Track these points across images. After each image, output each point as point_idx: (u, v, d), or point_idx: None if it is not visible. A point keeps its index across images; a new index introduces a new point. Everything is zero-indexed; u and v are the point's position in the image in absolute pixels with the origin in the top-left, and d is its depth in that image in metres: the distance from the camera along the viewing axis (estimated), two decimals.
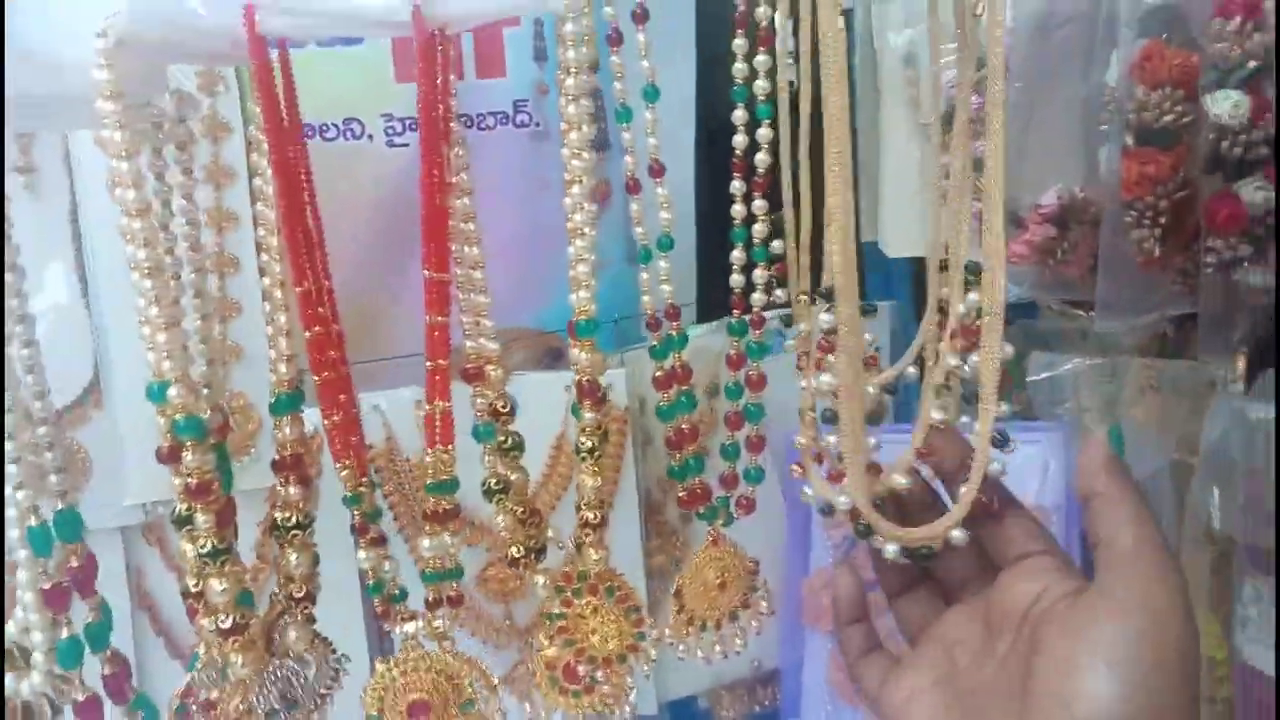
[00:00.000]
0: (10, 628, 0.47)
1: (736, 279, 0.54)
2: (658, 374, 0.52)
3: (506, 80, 0.80)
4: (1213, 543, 0.69)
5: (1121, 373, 0.76)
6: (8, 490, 0.46)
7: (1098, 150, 0.64)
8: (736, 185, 0.53)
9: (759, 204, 0.52)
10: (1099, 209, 0.64)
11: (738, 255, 0.53)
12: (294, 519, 0.46)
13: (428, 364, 0.44)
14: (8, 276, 0.46)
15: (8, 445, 0.46)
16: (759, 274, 0.54)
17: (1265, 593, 0.65)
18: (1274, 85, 0.54)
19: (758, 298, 0.54)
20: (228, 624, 0.42)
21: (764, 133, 0.51)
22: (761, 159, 0.52)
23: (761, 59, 0.51)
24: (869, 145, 0.89)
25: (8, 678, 0.47)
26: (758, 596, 0.56)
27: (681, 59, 0.83)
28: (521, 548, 0.49)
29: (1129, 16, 0.59)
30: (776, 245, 0.53)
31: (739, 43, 0.52)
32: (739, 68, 0.52)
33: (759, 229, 0.53)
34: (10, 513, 0.46)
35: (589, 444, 0.46)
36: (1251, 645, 0.66)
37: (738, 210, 0.53)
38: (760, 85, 0.51)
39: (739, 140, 0.52)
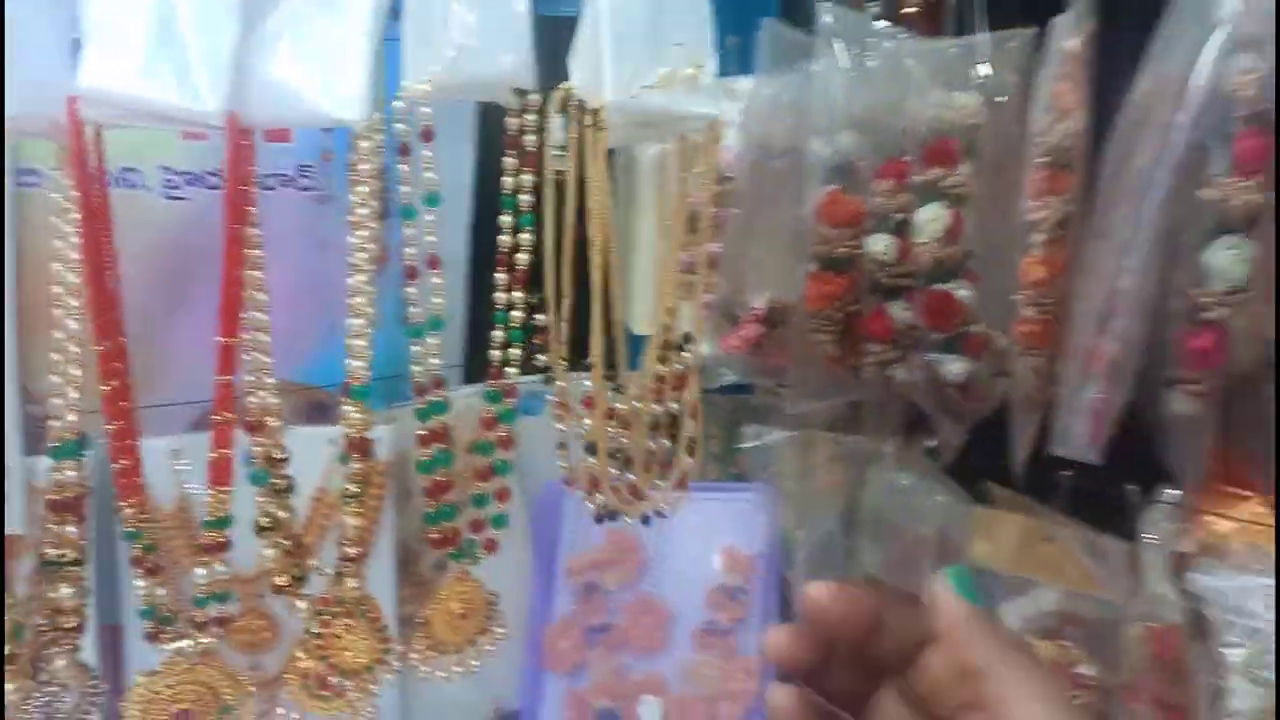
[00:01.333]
0: None
1: (495, 354, 0.63)
2: (421, 433, 0.60)
3: (293, 144, 0.84)
4: (870, 585, 0.85)
5: (814, 444, 0.92)
6: None
7: (799, 267, 0.79)
8: (500, 276, 0.63)
9: (517, 294, 0.62)
10: (797, 314, 0.80)
11: (498, 334, 0.63)
12: (68, 555, 0.50)
13: (215, 417, 0.50)
14: None
15: None
16: (514, 351, 0.63)
17: None
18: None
19: (512, 370, 0.64)
20: None
21: (525, 237, 0.62)
22: (521, 257, 0.62)
23: (526, 178, 0.62)
24: (623, 238, 1.02)
25: None
26: (496, 625, 0.65)
27: (464, 159, 0.91)
28: (288, 576, 0.55)
29: (818, 166, 0.75)
30: (540, 318, 0.63)
31: (510, 161, 0.62)
32: (507, 180, 0.62)
33: (516, 314, 0.63)
34: None
35: (354, 489, 0.54)
36: None
37: (500, 297, 0.63)
38: (525, 199, 0.61)
39: (504, 240, 0.62)
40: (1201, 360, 0.53)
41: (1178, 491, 0.60)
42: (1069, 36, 0.61)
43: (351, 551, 0.53)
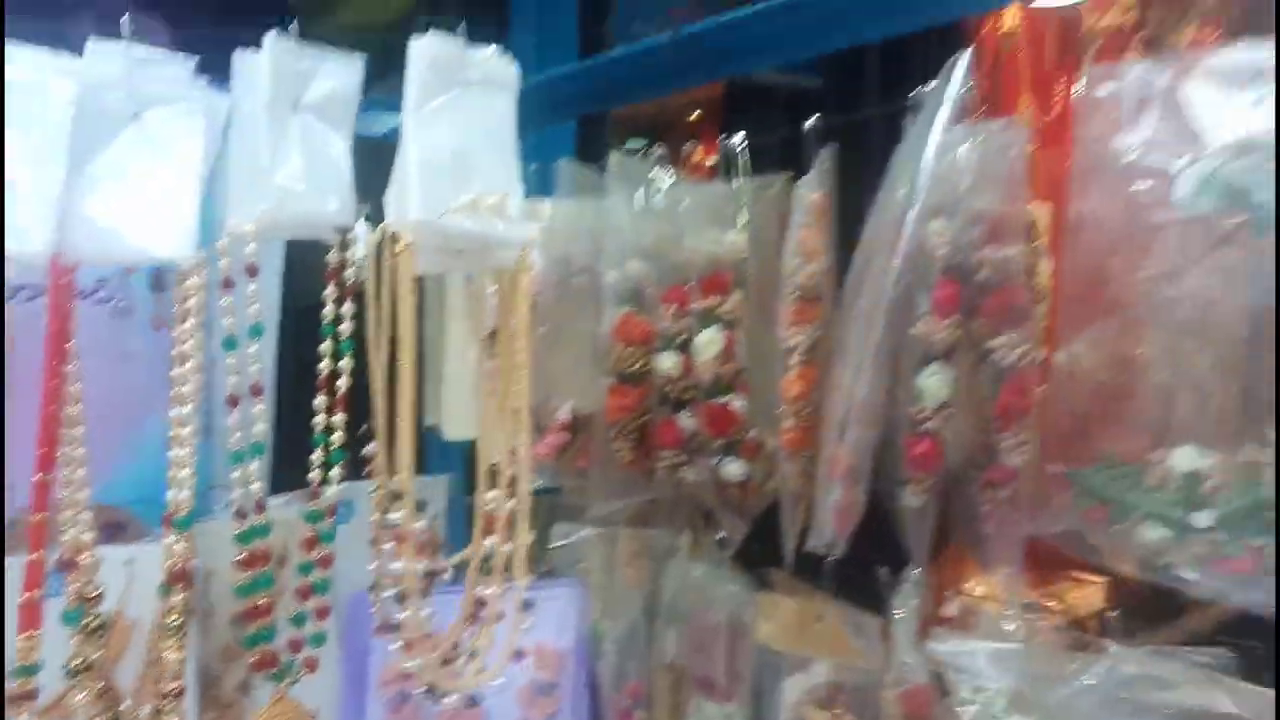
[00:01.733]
0: None
1: (315, 474, 0.67)
2: (242, 556, 0.62)
3: None
4: (671, 671, 0.92)
5: (617, 540, 0.99)
6: None
7: (598, 379, 0.87)
8: (320, 400, 0.67)
9: (337, 418, 0.67)
10: (598, 423, 0.88)
11: (317, 456, 0.67)
12: None
13: (30, 556, 0.51)
14: None
15: None
16: (335, 472, 0.67)
17: (705, 706, 0.89)
18: None
19: (331, 491, 0.67)
20: None
21: (345, 363, 0.66)
22: (341, 382, 0.67)
23: (347, 307, 0.67)
24: (434, 348, 1.07)
25: None
26: None
27: (273, 289, 0.93)
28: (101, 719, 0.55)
29: (611, 290, 0.84)
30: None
31: (329, 291, 0.67)
32: (327, 311, 0.67)
33: (336, 436, 0.67)
34: None
35: (177, 621, 0.55)
36: None
37: (319, 420, 0.67)
38: (345, 327, 0.66)
39: (324, 365, 0.67)
40: (922, 464, 0.65)
41: (917, 571, 0.71)
42: (812, 190, 0.73)
43: (174, 687, 0.54)
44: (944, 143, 0.59)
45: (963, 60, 0.60)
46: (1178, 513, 0.55)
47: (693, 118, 1.62)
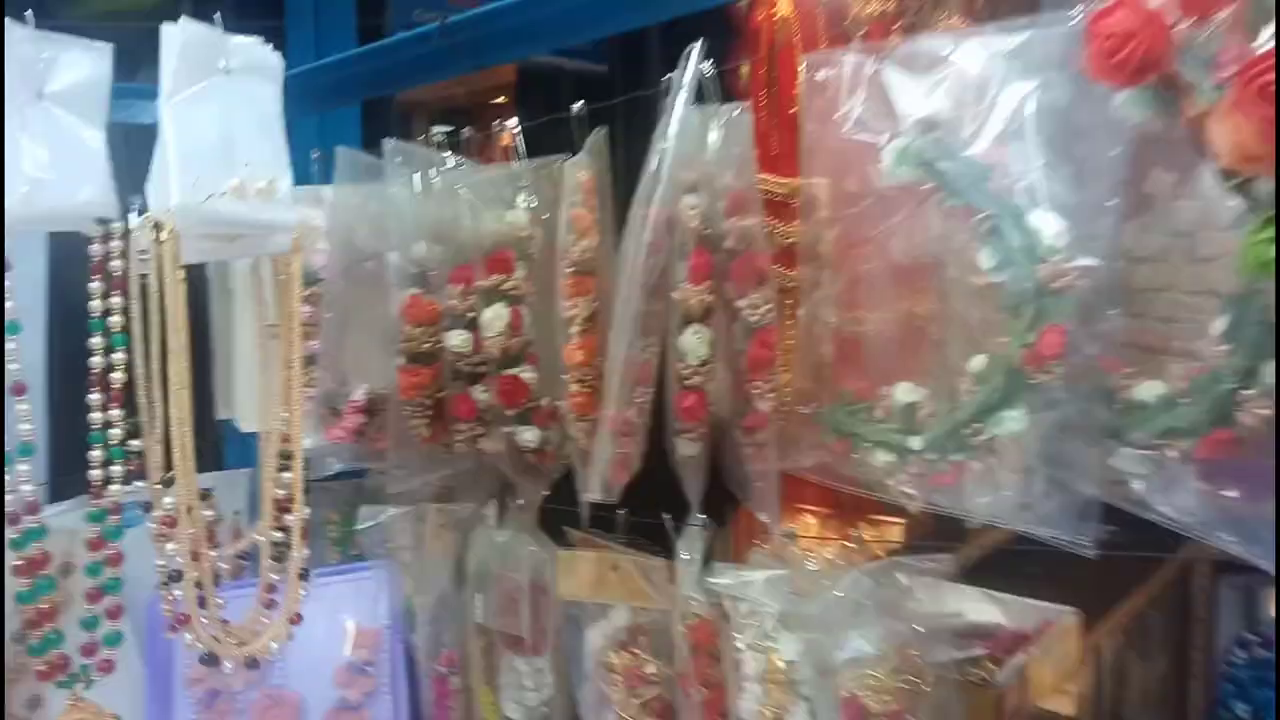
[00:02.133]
0: None
1: (96, 473, 0.66)
2: (19, 562, 0.61)
3: None
4: (482, 634, 0.96)
5: (424, 517, 1.02)
6: None
7: (391, 361, 0.89)
8: (95, 396, 0.66)
9: (114, 413, 0.66)
10: (393, 403, 0.90)
11: (97, 454, 0.66)
12: None
13: None
14: None
15: None
16: (116, 468, 0.66)
17: (516, 663, 0.94)
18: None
19: (114, 488, 0.66)
20: None
21: (119, 357, 0.65)
22: (116, 376, 0.66)
23: (116, 300, 0.66)
24: (222, 337, 1.05)
25: None
26: None
27: (38, 279, 0.90)
28: None
29: (397, 273, 0.86)
30: (135, 444, 0.67)
31: (95, 285, 0.66)
32: (95, 305, 0.66)
33: (115, 432, 0.66)
34: None
35: None
36: (507, 703, 0.95)
37: (96, 417, 0.66)
38: (115, 320, 0.65)
39: (96, 361, 0.65)
40: (690, 415, 0.71)
41: (701, 516, 0.79)
42: (581, 171, 0.78)
43: None
44: (683, 124, 0.65)
45: (697, 47, 0.66)
46: (898, 439, 0.64)
47: (497, 101, 1.65)
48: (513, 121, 0.86)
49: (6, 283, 0.60)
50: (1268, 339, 0.45)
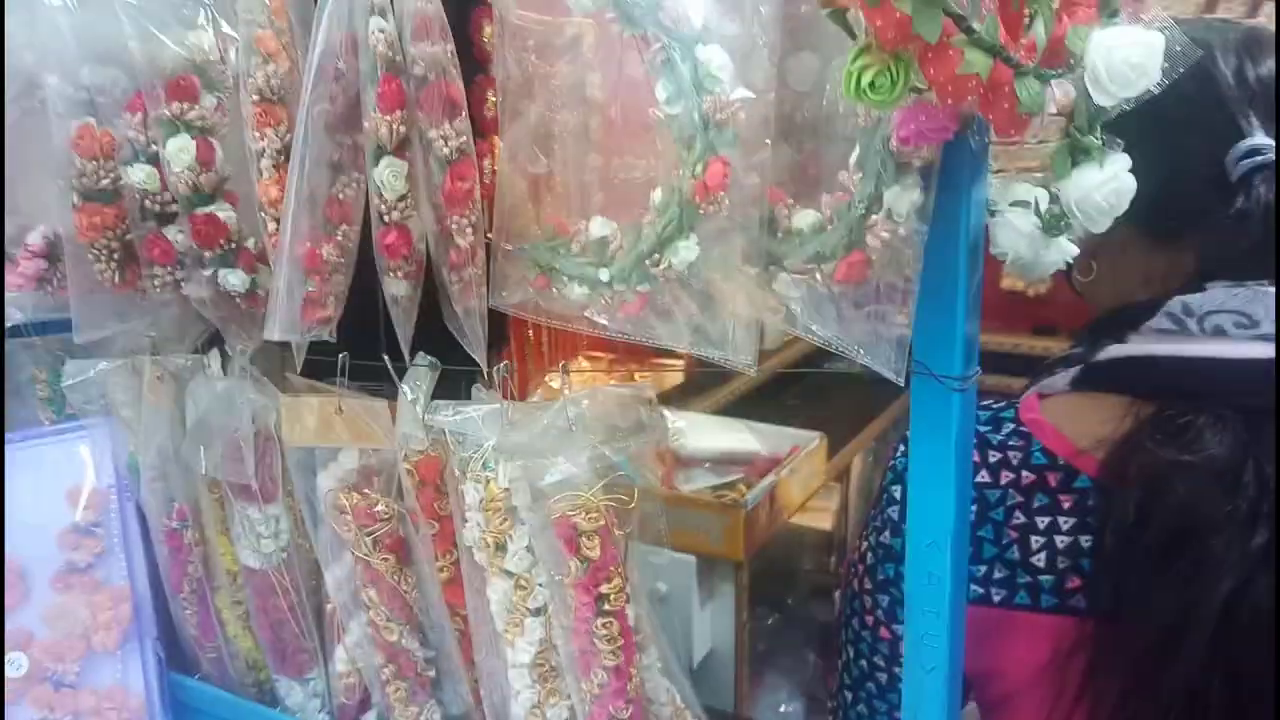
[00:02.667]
0: None
1: None
2: None
3: None
4: (213, 486, 0.94)
5: (140, 369, 0.95)
6: None
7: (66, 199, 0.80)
8: None
9: None
10: (72, 245, 0.81)
11: None
12: None
13: None
14: None
15: None
16: None
17: (249, 511, 0.92)
18: None
19: None
20: None
21: None
22: None
23: None
24: None
25: None
26: None
27: None
28: None
29: (61, 100, 0.76)
30: None
31: None
32: None
33: None
34: None
35: None
36: (244, 551, 0.94)
37: None
38: None
39: None
40: (394, 251, 0.69)
41: (426, 357, 0.78)
42: None
43: None
44: None
45: None
46: (591, 272, 0.65)
47: None
48: None
49: None
50: (890, 167, 0.49)
